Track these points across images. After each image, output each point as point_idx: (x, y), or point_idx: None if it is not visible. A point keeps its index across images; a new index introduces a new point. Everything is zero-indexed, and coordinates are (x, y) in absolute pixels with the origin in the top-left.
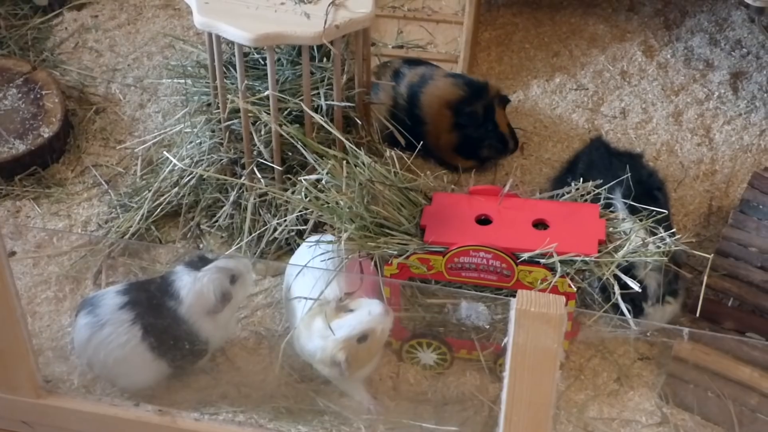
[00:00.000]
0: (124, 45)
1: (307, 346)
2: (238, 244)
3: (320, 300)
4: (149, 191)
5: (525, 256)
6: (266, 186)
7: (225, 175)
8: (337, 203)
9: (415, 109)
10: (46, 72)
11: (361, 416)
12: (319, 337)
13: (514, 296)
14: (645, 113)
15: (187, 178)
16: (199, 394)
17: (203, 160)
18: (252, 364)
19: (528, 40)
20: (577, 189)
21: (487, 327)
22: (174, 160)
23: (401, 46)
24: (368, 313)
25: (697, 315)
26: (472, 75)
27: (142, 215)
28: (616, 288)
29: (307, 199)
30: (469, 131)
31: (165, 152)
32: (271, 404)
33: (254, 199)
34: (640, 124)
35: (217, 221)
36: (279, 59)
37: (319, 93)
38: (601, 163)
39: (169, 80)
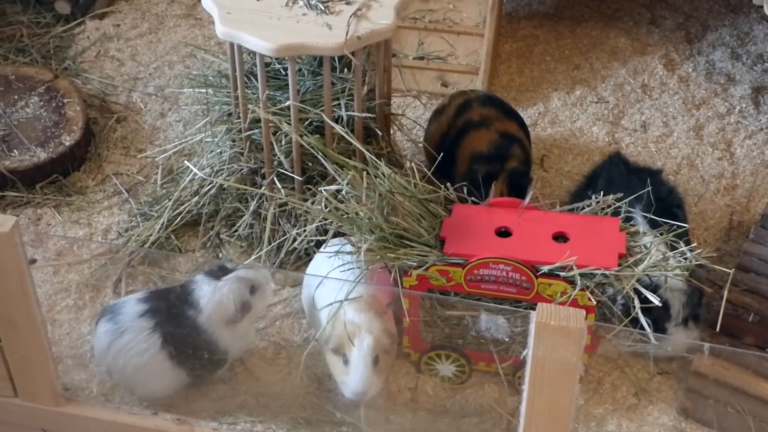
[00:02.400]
0: (145, 54)
1: None
2: (257, 253)
3: None
4: (169, 200)
5: (545, 269)
6: (286, 196)
7: (245, 184)
8: (357, 214)
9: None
10: (68, 80)
11: (379, 429)
12: None
13: (534, 309)
14: (666, 127)
15: (208, 188)
16: (217, 404)
17: (223, 169)
18: (270, 374)
19: (549, 52)
20: (597, 202)
21: (507, 340)
22: (194, 170)
23: (422, 58)
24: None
25: (717, 330)
26: (492, 89)
27: (162, 224)
28: (637, 302)
29: (327, 209)
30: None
31: (186, 161)
32: (289, 414)
33: (274, 209)
34: (661, 137)
35: (236, 231)
36: (300, 70)
37: (339, 104)
38: (620, 179)
39: (191, 90)
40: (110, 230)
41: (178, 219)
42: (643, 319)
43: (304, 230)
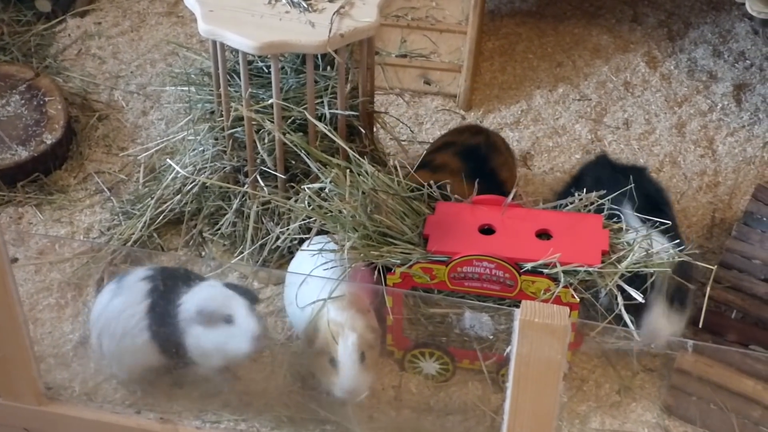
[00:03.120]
0: (127, 52)
1: None
2: (240, 252)
3: None
4: (152, 198)
5: (528, 266)
6: (269, 194)
7: (228, 183)
8: (340, 212)
9: None
10: (49, 79)
11: (364, 427)
12: None
13: (518, 306)
14: (648, 124)
15: (190, 186)
16: (200, 402)
17: (206, 167)
18: (254, 373)
19: (531, 50)
20: (581, 200)
21: (491, 337)
22: (177, 168)
23: (404, 55)
24: None
25: (700, 326)
26: (475, 86)
27: (145, 222)
28: (620, 299)
29: (311, 207)
30: None
31: (168, 159)
32: (273, 413)
33: (257, 207)
34: (643, 135)
35: (219, 229)
36: (283, 67)
37: (323, 102)
38: (606, 177)
39: (173, 88)
40: (92, 229)
41: (161, 218)
42: (626, 316)
43: (287, 229)
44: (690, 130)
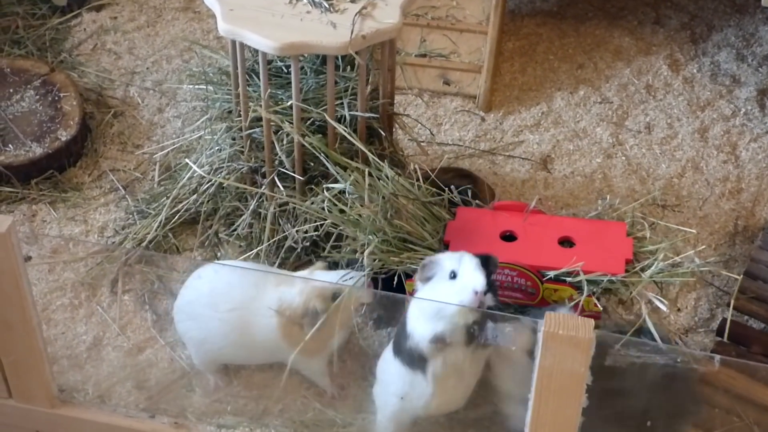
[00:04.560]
0: (143, 47)
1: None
2: (255, 250)
3: None
4: (167, 198)
5: (551, 274)
6: (286, 196)
7: (245, 183)
8: (360, 216)
9: None
10: (65, 74)
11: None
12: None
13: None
14: (670, 128)
15: (206, 186)
16: (215, 408)
17: (223, 167)
18: (268, 379)
19: (552, 51)
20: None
21: (513, 349)
22: (194, 167)
23: (424, 55)
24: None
25: (725, 338)
26: (495, 87)
27: (160, 222)
28: (644, 309)
29: (329, 211)
30: None
31: (186, 159)
32: (290, 419)
33: (274, 208)
34: (665, 139)
35: (235, 230)
36: (302, 68)
37: (342, 103)
38: None
39: (190, 86)
40: (106, 227)
41: (176, 217)
42: (652, 326)
43: (304, 228)
44: (713, 135)
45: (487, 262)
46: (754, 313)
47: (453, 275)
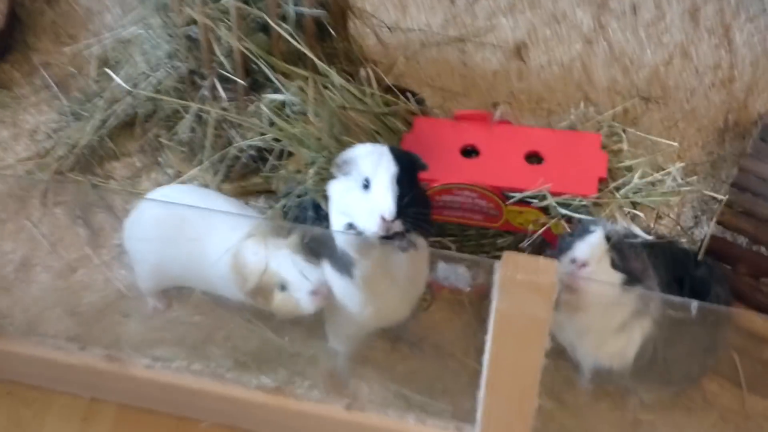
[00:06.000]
0: None
1: None
2: (199, 161)
3: None
4: (101, 98)
5: (516, 196)
6: (229, 100)
7: (185, 84)
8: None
9: None
10: None
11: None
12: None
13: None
14: (658, 8)
15: (144, 84)
16: (152, 336)
17: (160, 65)
18: (212, 302)
19: None
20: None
21: (468, 289)
22: (117, 80)
23: None
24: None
25: (699, 257)
26: None
27: (94, 125)
28: (628, 221)
29: (271, 123)
30: None
31: (107, 69)
32: (231, 346)
33: (216, 114)
34: (652, 21)
35: (176, 134)
36: None
37: None
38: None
39: None
40: (38, 131)
41: (112, 119)
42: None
43: (246, 142)
44: (704, 16)
45: (410, 166)
46: (741, 229)
47: (366, 184)
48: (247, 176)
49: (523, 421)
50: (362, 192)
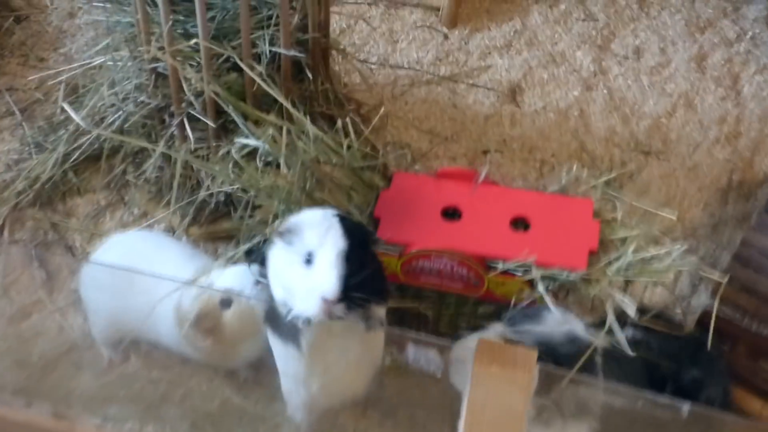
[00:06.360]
0: None
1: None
2: (167, 203)
3: None
4: (66, 131)
5: (499, 266)
6: (198, 140)
7: (153, 120)
8: (272, 184)
9: None
10: None
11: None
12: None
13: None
14: (663, 54)
15: (112, 118)
16: (105, 392)
17: (128, 99)
18: (171, 358)
19: None
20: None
21: (438, 376)
22: (76, 117)
23: None
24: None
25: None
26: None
27: (57, 159)
28: (609, 314)
29: (239, 175)
30: None
31: (64, 104)
32: (189, 406)
33: (184, 154)
34: (656, 68)
35: (143, 173)
36: None
37: (263, 36)
38: None
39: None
40: None
41: (77, 153)
42: (620, 335)
43: (215, 189)
44: (711, 64)
45: (361, 242)
46: (741, 306)
47: (309, 259)
48: (217, 221)
49: None
50: (304, 267)
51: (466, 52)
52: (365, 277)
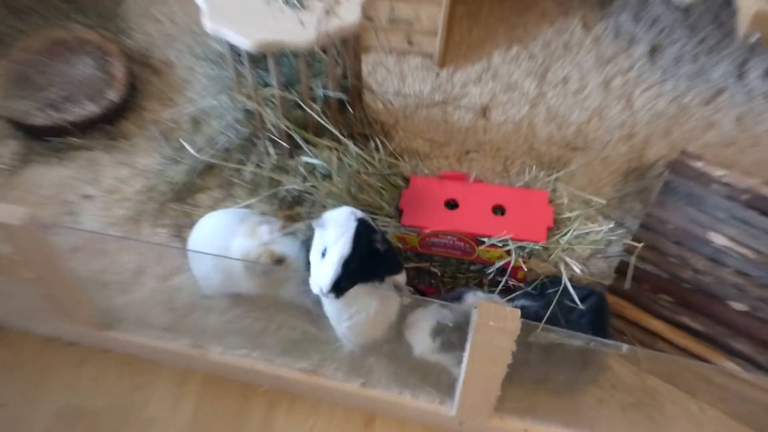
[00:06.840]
0: (179, 14)
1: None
2: (258, 197)
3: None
4: (191, 148)
5: (486, 241)
6: (278, 155)
7: (247, 142)
8: (328, 191)
9: None
10: (116, 44)
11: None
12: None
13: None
14: (581, 81)
15: (221, 142)
16: (226, 327)
17: (229, 127)
18: (268, 299)
19: (493, 14)
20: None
21: (450, 325)
22: (190, 149)
23: (393, 21)
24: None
25: (628, 285)
26: (448, 46)
27: (186, 168)
28: (563, 271)
29: (306, 183)
30: None
31: (181, 140)
32: (280, 336)
33: (270, 164)
34: (577, 91)
35: (243, 176)
36: (284, 54)
37: (317, 83)
38: None
39: (204, 61)
40: (147, 170)
41: (199, 163)
42: (570, 287)
43: (287, 187)
44: (614, 86)
45: (366, 253)
46: (647, 258)
47: (324, 253)
48: (293, 206)
49: (487, 403)
50: (320, 258)
51: (452, 84)
52: (354, 277)
